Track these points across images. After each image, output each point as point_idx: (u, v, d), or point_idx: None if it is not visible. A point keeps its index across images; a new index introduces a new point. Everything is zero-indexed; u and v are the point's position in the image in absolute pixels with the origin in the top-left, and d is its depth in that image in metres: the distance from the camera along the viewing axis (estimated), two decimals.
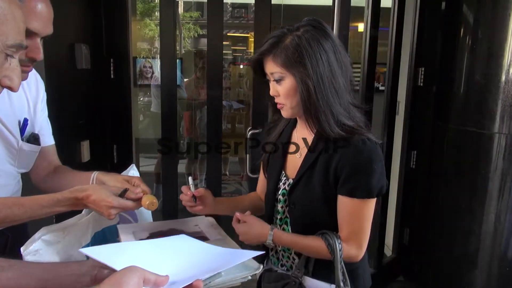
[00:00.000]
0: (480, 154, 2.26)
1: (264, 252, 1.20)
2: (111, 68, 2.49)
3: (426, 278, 2.73)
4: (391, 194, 3.15)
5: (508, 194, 2.20)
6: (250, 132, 2.57)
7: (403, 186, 2.93)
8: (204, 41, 8.01)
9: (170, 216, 2.46)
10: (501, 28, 2.13)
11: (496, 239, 2.25)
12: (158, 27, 2.37)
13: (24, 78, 1.05)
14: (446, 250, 2.52)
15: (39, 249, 1.03)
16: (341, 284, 1.10)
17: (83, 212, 1.19)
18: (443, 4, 2.58)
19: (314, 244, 1.11)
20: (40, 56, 1.02)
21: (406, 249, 2.97)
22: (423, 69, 2.71)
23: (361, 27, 5.77)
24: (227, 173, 4.96)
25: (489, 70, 2.18)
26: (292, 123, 1.25)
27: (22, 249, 1.01)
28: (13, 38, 0.64)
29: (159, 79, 4.35)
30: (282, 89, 1.10)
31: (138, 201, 1.13)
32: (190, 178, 1.23)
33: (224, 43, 2.71)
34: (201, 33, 8.16)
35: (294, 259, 1.23)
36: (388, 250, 3.20)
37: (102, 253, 0.91)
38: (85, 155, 2.23)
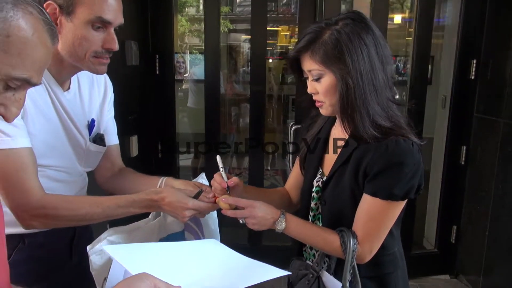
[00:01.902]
0: None
1: (291, 273, 1.15)
2: (156, 64, 2.52)
3: (477, 278, 2.65)
4: (434, 189, 3.08)
5: None
6: (293, 128, 2.55)
7: (451, 182, 2.84)
8: (234, 36, 8.06)
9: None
10: None
11: None
12: (189, 23, 2.39)
13: (104, 70, 1.07)
14: (499, 250, 2.44)
15: (103, 248, 1.04)
16: (347, 284, 1.06)
17: (149, 216, 1.20)
18: None
19: (327, 236, 1.08)
20: (116, 46, 1.05)
21: (453, 247, 2.89)
22: (475, 61, 2.61)
23: (397, 18, 5.65)
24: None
25: None
26: (331, 120, 1.22)
27: (88, 247, 1.03)
28: (19, 72, 0.61)
29: (193, 75, 4.43)
30: (321, 87, 1.05)
31: (213, 204, 1.12)
32: (219, 159, 1.15)
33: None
34: (231, 27, 8.17)
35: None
36: (428, 244, 3.14)
37: (122, 253, 0.91)
38: (134, 150, 2.27)
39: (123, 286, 0.67)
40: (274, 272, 0.91)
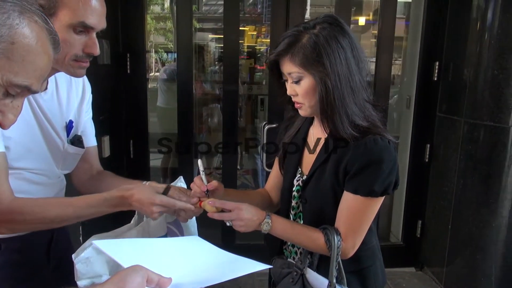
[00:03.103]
0: (496, 147, 2.30)
1: (272, 266, 1.19)
2: (128, 63, 2.47)
3: (440, 270, 2.79)
4: (400, 185, 3.18)
5: None
6: (266, 127, 2.58)
7: (416, 179, 2.97)
8: (201, 35, 8.00)
9: None
10: None
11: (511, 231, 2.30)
12: (154, 21, 2.37)
13: (83, 74, 1.05)
14: (461, 242, 2.58)
15: (90, 256, 1.03)
16: (334, 280, 1.09)
17: (132, 222, 1.19)
18: None
19: (312, 234, 1.11)
20: (97, 50, 1.02)
21: (418, 240, 3.02)
22: (437, 63, 2.74)
23: (361, 20, 5.82)
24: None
25: (506, 64, 2.22)
26: (309, 120, 1.25)
27: (73, 256, 1.00)
28: (21, 79, 0.62)
29: (164, 74, 4.36)
30: (301, 89, 1.08)
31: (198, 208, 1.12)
32: (200, 163, 1.16)
33: (220, 36, 2.73)
34: (198, 26, 8.10)
35: (301, 254, 1.23)
36: (394, 238, 3.27)
37: (113, 248, 0.93)
38: (106, 151, 2.22)
39: (117, 278, 0.68)
40: (256, 266, 0.94)
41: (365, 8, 5.62)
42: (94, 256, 1.03)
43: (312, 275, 1.13)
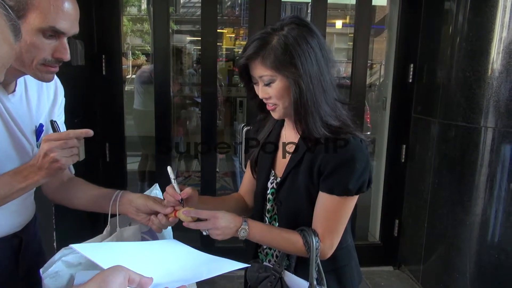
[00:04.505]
0: (469, 147, 2.37)
1: (250, 265, 1.18)
2: (103, 64, 2.42)
3: (417, 268, 2.85)
4: (376, 186, 3.25)
5: (495, 185, 2.32)
6: (245, 129, 2.57)
7: (393, 179, 3.02)
8: (178, 37, 7.94)
9: None
10: (488, 26, 2.24)
11: (485, 228, 2.37)
12: (131, 23, 2.35)
13: (51, 79, 1.01)
14: (436, 240, 2.64)
15: (58, 270, 1.00)
16: (314, 282, 1.09)
17: (104, 232, 1.16)
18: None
19: (290, 237, 1.10)
20: (67, 56, 0.98)
21: (395, 239, 3.07)
22: (412, 65, 2.80)
23: (338, 24, 5.92)
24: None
25: (477, 66, 2.29)
26: (280, 123, 1.24)
27: (41, 271, 0.97)
28: None
29: (141, 76, 4.30)
30: (274, 91, 1.07)
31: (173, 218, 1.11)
32: (170, 170, 1.13)
33: (198, 38, 2.73)
34: (175, 28, 8.03)
35: (277, 257, 1.23)
36: (372, 237, 3.31)
37: (92, 251, 0.92)
38: (81, 154, 2.16)
39: (99, 278, 0.67)
40: (233, 265, 0.95)
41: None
42: (63, 269, 1.01)
43: (291, 278, 1.12)
